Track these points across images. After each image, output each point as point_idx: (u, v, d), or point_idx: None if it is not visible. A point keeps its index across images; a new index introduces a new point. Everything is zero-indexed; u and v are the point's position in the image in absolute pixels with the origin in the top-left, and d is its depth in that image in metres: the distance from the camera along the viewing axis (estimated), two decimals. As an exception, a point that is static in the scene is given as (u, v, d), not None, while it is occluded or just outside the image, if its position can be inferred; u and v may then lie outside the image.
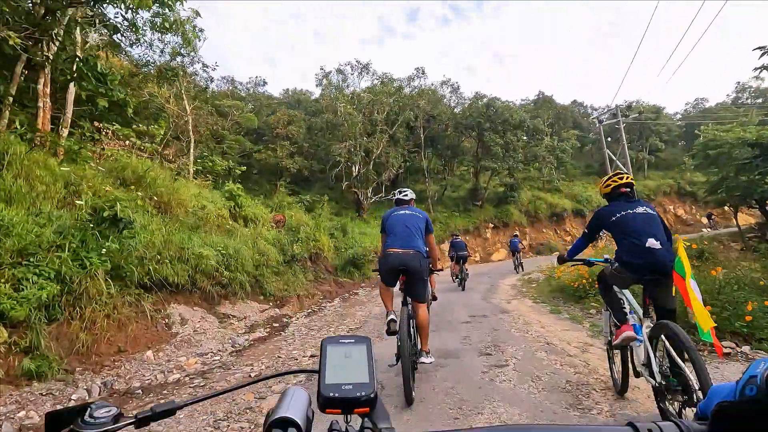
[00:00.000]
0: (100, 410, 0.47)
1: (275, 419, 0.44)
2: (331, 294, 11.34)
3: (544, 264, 17.68)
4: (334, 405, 0.48)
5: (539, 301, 7.81)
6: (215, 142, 21.33)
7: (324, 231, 15.65)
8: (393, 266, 3.46)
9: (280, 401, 0.48)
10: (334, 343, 0.55)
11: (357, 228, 18.92)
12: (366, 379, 0.50)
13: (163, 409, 0.50)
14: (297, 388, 0.52)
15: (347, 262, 14.62)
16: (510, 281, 12.02)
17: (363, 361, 0.53)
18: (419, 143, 23.95)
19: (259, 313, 7.43)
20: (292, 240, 12.46)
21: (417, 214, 3.74)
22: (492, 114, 23.44)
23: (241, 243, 8.28)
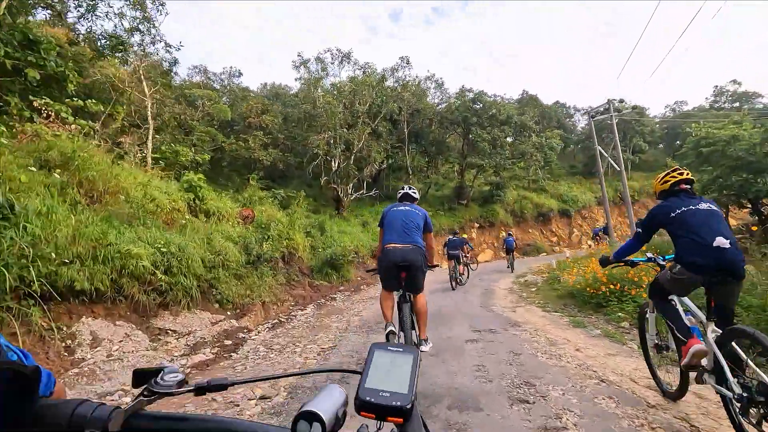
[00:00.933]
0: (170, 375, 0.52)
1: (303, 411, 0.45)
2: (305, 299, 9.90)
3: (534, 265, 16.71)
4: (369, 409, 0.48)
5: (549, 309, 6.61)
6: (184, 134, 19.55)
7: (299, 229, 14.20)
8: (394, 262, 3.43)
9: (316, 395, 0.48)
10: (382, 349, 0.56)
11: (336, 226, 17.50)
12: (405, 389, 0.50)
13: (217, 383, 0.54)
14: (336, 385, 0.52)
15: (324, 263, 13.19)
16: (505, 284, 10.85)
17: (407, 371, 0.53)
18: (403, 138, 22.71)
19: (210, 326, 5.95)
20: (262, 238, 10.97)
21: (416, 211, 3.71)
22: (479, 109, 22.43)
23: (191, 240, 6.76)
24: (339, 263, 13.10)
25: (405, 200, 3.91)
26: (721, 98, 42.98)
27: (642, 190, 32.19)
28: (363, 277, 14.84)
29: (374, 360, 0.54)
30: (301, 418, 0.45)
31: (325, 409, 0.46)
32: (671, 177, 2.74)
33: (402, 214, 3.64)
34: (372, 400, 0.48)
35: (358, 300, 9.54)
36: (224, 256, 7.37)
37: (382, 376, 0.52)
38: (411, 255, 3.41)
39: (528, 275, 12.47)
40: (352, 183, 20.16)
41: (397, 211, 3.70)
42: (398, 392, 0.49)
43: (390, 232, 3.55)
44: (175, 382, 0.52)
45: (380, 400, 0.48)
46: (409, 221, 3.57)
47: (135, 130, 15.18)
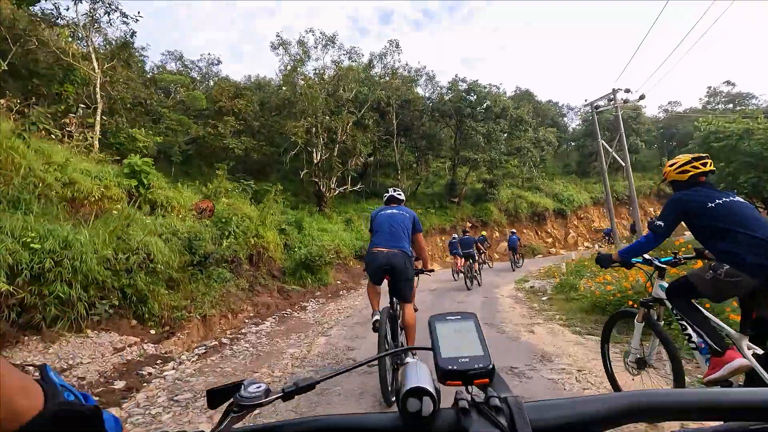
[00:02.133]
0: (252, 386, 0.51)
1: (410, 389, 0.44)
2: (268, 309, 8.18)
3: (534, 268, 15.25)
4: (455, 377, 0.48)
5: (579, 329, 4.99)
6: (152, 121, 17.61)
7: (272, 225, 12.47)
8: (379, 265, 3.38)
9: (407, 373, 0.48)
10: (441, 321, 0.56)
11: (316, 223, 15.78)
12: (481, 351, 0.51)
13: (306, 383, 0.53)
14: (417, 360, 0.51)
15: (299, 265, 11.47)
16: (507, 290, 9.28)
17: (474, 335, 0.53)
18: (391, 130, 21.09)
19: (113, 353, 4.21)
20: (220, 234, 9.22)
21: (404, 213, 3.63)
22: (473, 101, 20.93)
23: (94, 234, 4.98)
24: (315, 265, 11.39)
25: (391, 203, 3.83)
26: (715, 99, 42.39)
27: (639, 190, 31.00)
28: (344, 281, 13.15)
29: (439, 332, 0.54)
30: (410, 396, 0.44)
31: (426, 382, 0.45)
32: (693, 167, 2.35)
33: (389, 217, 3.56)
34: (455, 368, 0.48)
35: (333, 311, 7.85)
36: (151, 256, 5.61)
37: (453, 344, 0.52)
38: (395, 259, 3.33)
39: (531, 280, 10.93)
40: (336, 177, 18.44)
41: (385, 215, 3.61)
42: (477, 355, 0.50)
43: (377, 236, 3.50)
44: (261, 391, 0.50)
45: (463, 366, 0.48)
46: (395, 224, 3.49)
47: (86, 111, 13.29)
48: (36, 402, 0.37)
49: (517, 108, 22.65)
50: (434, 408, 0.44)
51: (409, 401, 0.44)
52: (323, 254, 11.40)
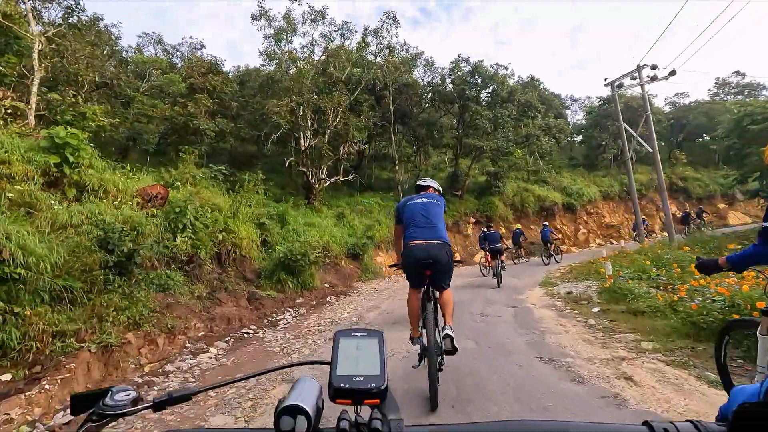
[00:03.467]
0: (120, 393, 0.48)
1: (284, 407, 0.44)
2: (228, 326, 6.23)
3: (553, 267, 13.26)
4: (345, 395, 0.48)
5: (707, 371, 3.07)
6: (121, 105, 15.53)
7: (246, 218, 10.50)
8: (419, 260, 3.08)
9: (291, 390, 0.48)
10: (346, 336, 0.55)
11: (302, 217, 13.80)
12: (377, 371, 0.50)
13: (180, 394, 0.50)
14: (308, 377, 0.51)
15: (278, 265, 9.50)
16: (537, 295, 7.37)
17: (375, 353, 0.53)
18: (387, 116, 19.10)
19: None
20: (170, 227, 7.26)
21: (436, 201, 3.40)
22: (478, 83, 19.00)
23: None
24: (297, 265, 9.42)
25: (420, 191, 3.61)
26: (724, 90, 40.75)
27: (650, 184, 29.25)
28: (334, 284, 11.18)
29: (341, 347, 0.53)
30: (284, 414, 0.43)
31: (305, 400, 0.44)
32: None
33: (421, 207, 3.29)
34: (347, 386, 0.48)
35: (312, 327, 5.89)
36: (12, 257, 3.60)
37: (352, 362, 0.51)
38: (436, 251, 3.07)
39: (558, 282, 9.02)
40: (326, 167, 16.45)
41: (416, 204, 3.33)
42: (371, 375, 0.49)
43: (413, 228, 3.20)
44: (128, 399, 0.47)
45: (355, 384, 0.48)
46: (430, 214, 3.25)
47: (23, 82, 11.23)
48: None
49: (525, 93, 20.72)
50: (309, 427, 0.43)
51: (283, 419, 0.43)
52: (307, 252, 9.42)
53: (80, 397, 0.49)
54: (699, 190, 30.02)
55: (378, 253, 15.75)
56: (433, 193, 3.54)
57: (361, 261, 14.00)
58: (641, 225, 15.36)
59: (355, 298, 9.06)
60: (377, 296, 9.14)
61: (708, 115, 34.17)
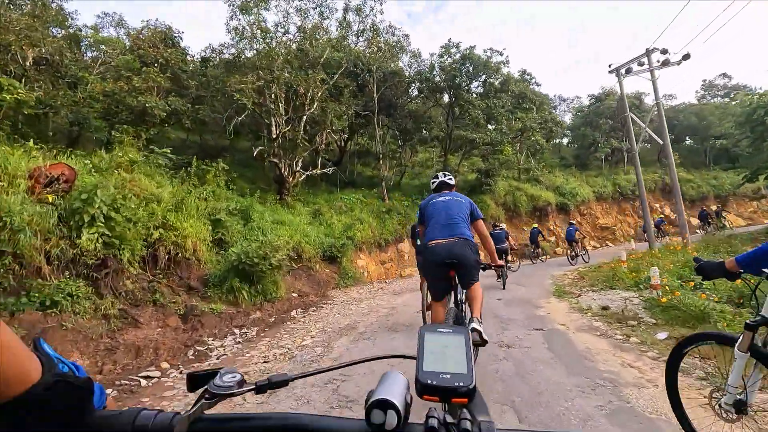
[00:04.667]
0: (228, 375, 0.50)
1: (375, 400, 0.44)
2: (137, 358, 4.33)
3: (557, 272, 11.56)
4: (433, 392, 0.47)
5: None
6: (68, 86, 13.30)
7: (198, 213, 8.60)
8: (440, 260, 2.90)
9: (380, 384, 0.47)
10: (431, 332, 0.54)
11: (270, 214, 11.88)
12: (465, 369, 0.49)
13: (279, 379, 0.52)
14: (395, 372, 0.50)
15: (230, 271, 7.59)
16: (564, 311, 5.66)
17: (461, 351, 0.52)
18: (371, 106, 17.34)
19: None
20: (78, 221, 5.33)
21: (460, 200, 3.24)
22: (470, 71, 17.43)
23: None
24: (256, 271, 7.53)
25: (442, 189, 3.46)
26: (710, 92, 40.53)
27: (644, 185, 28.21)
28: (304, 293, 9.32)
29: (426, 343, 0.52)
30: (375, 408, 0.43)
31: (395, 395, 0.44)
32: None
33: (443, 206, 3.15)
34: (434, 383, 0.47)
35: (252, 364, 4.03)
36: None
37: (438, 358, 0.50)
38: (458, 249, 2.89)
39: (582, 293, 7.37)
40: (301, 157, 14.58)
41: (438, 203, 3.21)
42: (459, 373, 0.48)
43: (433, 228, 3.07)
44: (235, 382, 0.49)
45: (443, 382, 0.47)
46: (453, 212, 3.09)
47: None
48: (35, 372, 0.40)
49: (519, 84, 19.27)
50: (399, 422, 0.43)
51: (374, 413, 0.43)
52: (268, 255, 7.53)
53: (195, 376, 0.52)
54: (692, 192, 29.17)
55: (359, 255, 13.93)
56: (457, 192, 3.41)
57: (339, 265, 12.16)
58: (651, 225, 13.94)
59: (327, 313, 7.22)
60: (355, 309, 7.33)
61: (698, 116, 33.62)
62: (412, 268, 16.15)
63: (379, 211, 16.12)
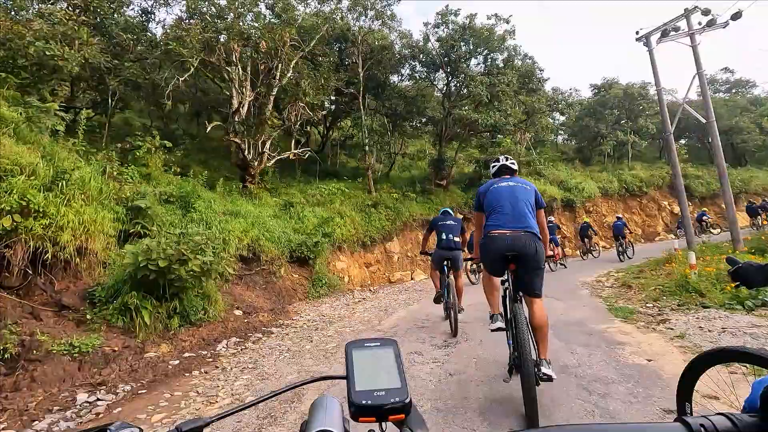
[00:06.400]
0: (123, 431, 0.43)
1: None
2: None
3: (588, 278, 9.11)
4: (368, 413, 0.44)
5: None
6: None
7: (98, 197, 5.96)
8: (500, 252, 2.68)
9: (314, 412, 0.45)
10: (359, 348, 0.51)
11: (222, 203, 9.29)
12: (398, 383, 0.46)
13: (190, 427, 0.45)
14: (329, 397, 0.48)
15: (127, 280, 4.98)
16: (671, 354, 3.22)
17: (392, 365, 0.49)
18: (356, 84, 14.83)
19: None
20: None
21: (526, 186, 2.95)
22: (471, 44, 15.04)
23: None
24: (171, 279, 4.93)
25: (503, 174, 3.09)
26: (712, 87, 38.96)
27: (650, 181, 26.27)
28: (254, 309, 6.71)
29: (355, 360, 0.49)
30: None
31: (334, 424, 0.42)
32: None
33: (508, 192, 2.84)
34: (369, 403, 0.44)
35: None
36: None
37: (370, 375, 0.47)
38: (522, 243, 2.62)
39: (673, 319, 4.96)
40: (270, 138, 11.99)
41: (501, 188, 2.90)
42: (393, 388, 0.45)
43: (496, 215, 2.79)
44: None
45: (377, 400, 0.44)
46: (518, 200, 2.79)
47: None
48: None
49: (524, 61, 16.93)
50: None
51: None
52: (188, 255, 4.94)
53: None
54: (701, 188, 27.33)
55: (338, 256, 11.38)
56: (519, 177, 3.08)
57: (312, 268, 9.61)
58: (690, 220, 11.71)
59: (273, 347, 4.65)
60: (318, 339, 4.80)
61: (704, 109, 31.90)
62: (402, 271, 13.67)
63: (364, 205, 13.63)
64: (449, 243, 4.90)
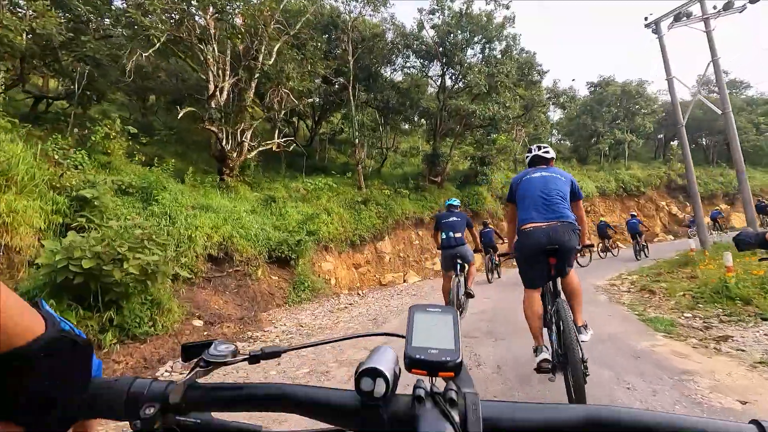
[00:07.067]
0: (222, 346, 0.50)
1: (365, 368, 0.45)
2: None
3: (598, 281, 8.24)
4: (420, 366, 0.47)
5: None
6: None
7: (29, 183, 4.89)
8: (538, 246, 2.48)
9: (370, 355, 0.48)
10: (421, 311, 0.54)
11: (191, 197, 8.25)
12: (452, 345, 0.49)
13: (271, 350, 0.53)
14: (386, 346, 0.51)
15: (47, 283, 3.94)
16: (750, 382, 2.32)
17: (449, 329, 0.52)
18: (345, 72, 13.89)
19: None
20: None
21: (559, 176, 2.75)
22: (470, 28, 14.20)
23: None
24: (107, 283, 3.91)
25: (538, 164, 2.88)
26: (706, 88, 38.71)
27: (648, 181, 25.70)
28: (219, 318, 5.65)
29: (415, 321, 0.52)
30: (364, 375, 0.44)
31: (384, 365, 0.45)
32: None
33: (540, 182, 2.67)
34: (422, 357, 0.47)
35: None
36: None
37: (427, 335, 0.51)
38: (560, 233, 2.45)
39: (741, 335, 4.10)
40: (250, 126, 10.99)
41: (534, 179, 2.73)
42: (446, 348, 0.48)
43: (527, 208, 2.61)
44: (229, 351, 0.50)
45: (430, 356, 0.47)
46: (550, 190, 2.62)
47: None
48: (38, 326, 0.38)
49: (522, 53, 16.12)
50: (387, 390, 0.44)
51: (363, 380, 0.44)
52: (125, 253, 3.93)
53: (189, 346, 0.52)
54: (699, 189, 26.76)
55: (324, 256, 10.40)
56: (555, 167, 2.88)
57: (294, 269, 8.63)
58: (703, 219, 10.96)
59: (226, 374, 3.66)
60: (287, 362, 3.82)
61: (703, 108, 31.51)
62: (394, 272, 12.73)
63: (354, 201, 12.66)
64: (449, 241, 4.85)
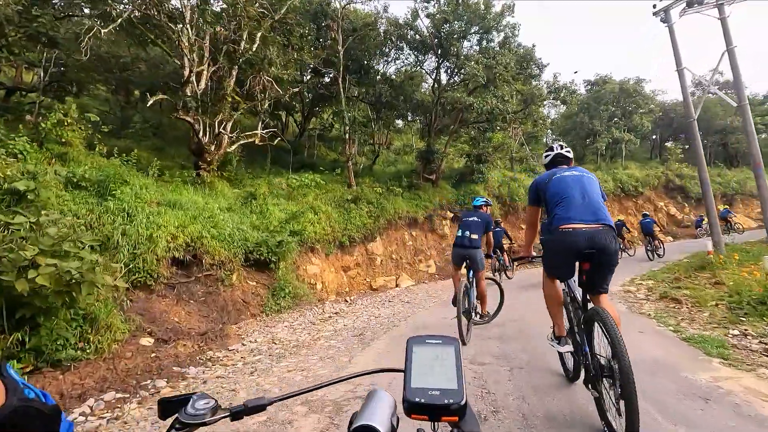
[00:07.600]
0: (201, 402, 0.47)
1: (357, 426, 0.41)
2: None
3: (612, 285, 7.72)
4: (421, 411, 0.43)
5: None
6: None
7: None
8: (577, 250, 2.31)
9: (365, 405, 0.45)
10: (420, 344, 0.50)
11: (156, 192, 7.34)
12: (455, 385, 0.44)
13: (255, 404, 0.49)
14: (382, 391, 0.48)
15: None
16: None
17: (451, 364, 0.47)
18: (335, 62, 13.05)
19: None
20: None
21: (592, 177, 2.58)
22: (467, 17, 13.45)
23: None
24: (26, 294, 3.02)
25: (560, 164, 2.74)
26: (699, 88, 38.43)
27: (646, 181, 25.20)
28: (183, 331, 4.82)
29: (414, 356, 0.48)
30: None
31: (380, 419, 0.41)
32: None
33: (577, 183, 2.47)
34: (422, 401, 0.43)
35: None
36: None
37: (427, 372, 0.46)
38: (602, 238, 2.27)
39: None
40: (230, 118, 10.11)
41: (566, 178, 2.52)
42: (449, 389, 0.44)
43: (564, 208, 2.41)
44: (208, 408, 0.46)
45: (431, 399, 0.43)
46: (592, 192, 2.46)
47: None
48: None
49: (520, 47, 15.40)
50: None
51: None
52: (36, 259, 3.06)
53: (166, 401, 0.49)
54: (697, 189, 26.37)
55: (310, 259, 9.54)
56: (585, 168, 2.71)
57: (274, 273, 7.76)
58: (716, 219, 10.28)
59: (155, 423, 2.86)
60: (249, 398, 3.01)
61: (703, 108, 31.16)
62: (386, 276, 11.89)
63: (343, 200, 11.81)
64: (463, 240, 4.55)
